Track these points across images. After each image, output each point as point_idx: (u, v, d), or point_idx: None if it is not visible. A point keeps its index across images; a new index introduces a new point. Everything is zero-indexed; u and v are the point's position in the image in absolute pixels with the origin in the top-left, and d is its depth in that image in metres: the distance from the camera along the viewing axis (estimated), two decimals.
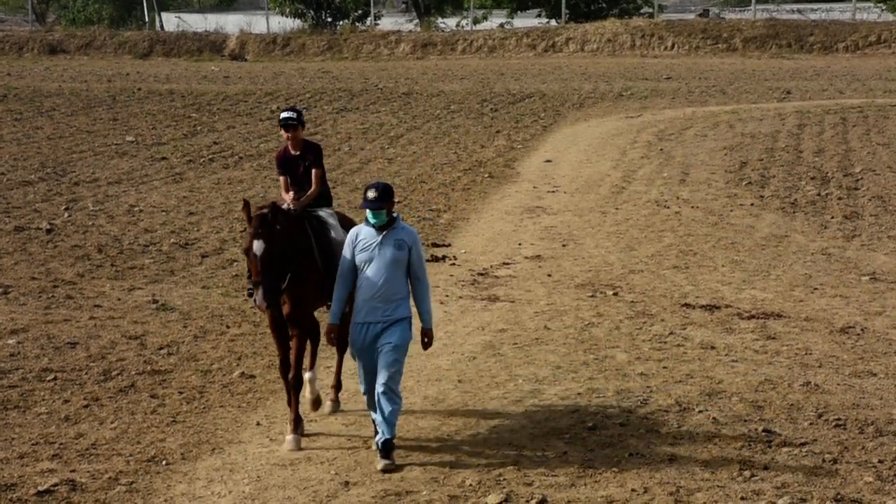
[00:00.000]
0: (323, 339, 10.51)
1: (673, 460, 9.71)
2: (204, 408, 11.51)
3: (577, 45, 52.54)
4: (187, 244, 18.57)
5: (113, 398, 11.75)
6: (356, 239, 9.70)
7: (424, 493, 9.20)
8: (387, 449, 9.65)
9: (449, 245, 18.87)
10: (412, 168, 25.66)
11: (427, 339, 9.81)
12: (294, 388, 10.39)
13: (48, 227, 19.33)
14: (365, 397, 9.91)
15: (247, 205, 10.10)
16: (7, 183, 23.19)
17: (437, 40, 54.53)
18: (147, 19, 61.64)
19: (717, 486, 9.18)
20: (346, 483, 9.41)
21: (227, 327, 14.21)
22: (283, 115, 11.25)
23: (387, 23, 60.26)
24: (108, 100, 36.01)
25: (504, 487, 9.21)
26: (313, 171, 11.09)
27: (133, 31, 59.22)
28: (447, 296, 15.66)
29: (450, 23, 59.46)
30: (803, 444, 10.03)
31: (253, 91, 38.24)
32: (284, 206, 10.57)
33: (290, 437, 10.30)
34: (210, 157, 26.65)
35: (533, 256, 17.82)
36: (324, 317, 10.98)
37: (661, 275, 16.56)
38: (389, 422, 9.55)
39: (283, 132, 11.28)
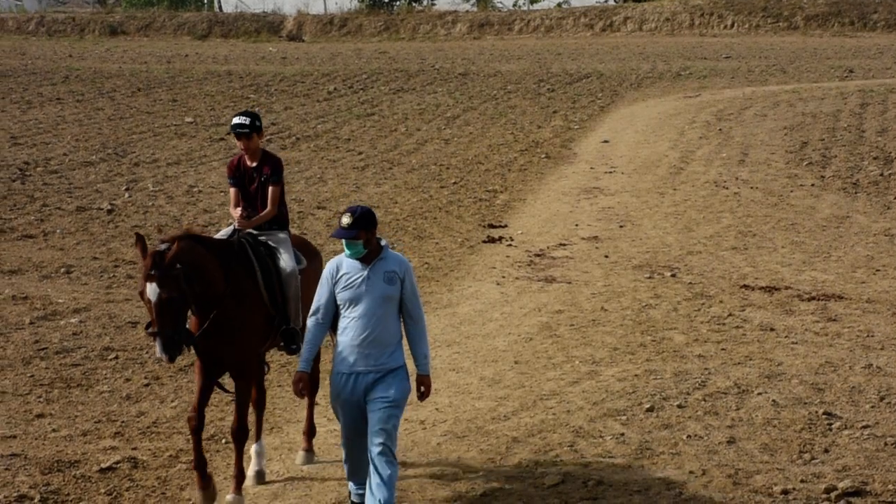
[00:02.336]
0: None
1: (731, 442, 9.65)
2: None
3: (635, 24, 52.22)
4: None
5: (173, 377, 11.87)
6: (336, 273, 8.06)
7: (481, 473, 9.21)
8: None
9: (505, 226, 18.84)
10: (469, 149, 25.64)
11: (424, 387, 8.15)
12: (238, 440, 8.92)
13: (109, 207, 19.53)
14: (345, 465, 8.29)
15: (140, 239, 8.40)
16: (69, 163, 23.44)
17: (494, 20, 54.40)
18: (206, 0, 61.96)
19: (777, 469, 9.12)
20: (403, 463, 9.44)
21: None
22: (235, 120, 9.52)
23: (443, 3, 60.27)
24: (167, 81, 36.27)
25: (561, 468, 9.21)
26: (270, 187, 9.48)
27: (192, 12, 59.63)
28: (503, 277, 15.65)
29: (507, 2, 59.38)
30: (865, 427, 9.93)
31: (310, 72, 38.35)
32: (228, 229, 9.38)
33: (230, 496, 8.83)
34: (268, 138, 26.78)
35: (590, 237, 17.76)
36: (276, 358, 10.13)
37: (719, 256, 16.45)
38: (388, 485, 7.94)
39: (235, 141, 9.64)
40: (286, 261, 9.24)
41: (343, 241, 7.95)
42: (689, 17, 51.41)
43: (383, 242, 8.12)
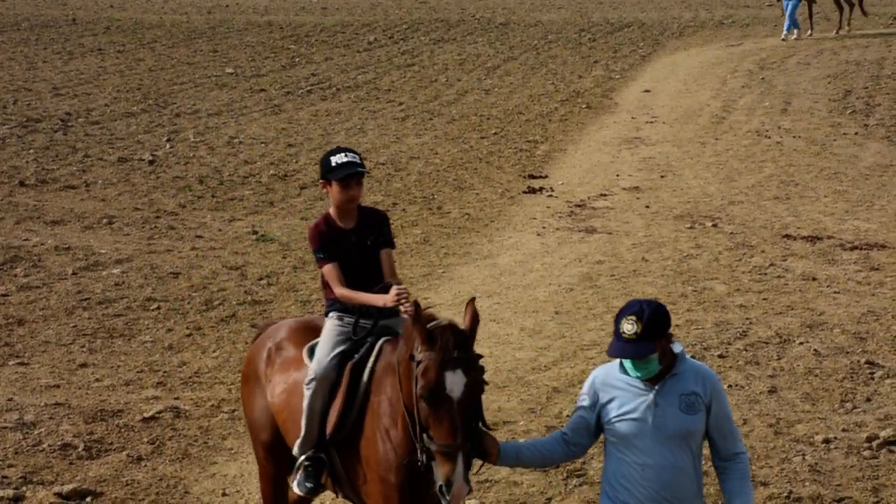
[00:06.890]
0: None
1: (773, 392, 9.62)
2: None
3: None
4: (286, 175, 18.71)
5: (215, 328, 11.95)
6: (601, 391, 5.64)
7: (522, 423, 9.24)
8: None
9: (546, 176, 18.78)
10: (509, 99, 25.52)
11: None
12: None
13: (150, 158, 19.61)
14: None
15: (417, 307, 5.77)
16: (110, 114, 23.53)
17: None
18: None
19: (818, 418, 9.10)
20: None
21: None
22: (341, 158, 6.63)
23: None
24: (207, 31, 36.28)
25: None
26: (383, 252, 6.71)
27: None
28: (544, 227, 15.62)
29: None
30: None
31: (350, 22, 38.24)
32: (405, 314, 6.11)
33: None
34: (308, 88, 26.76)
35: (631, 188, 17.67)
36: None
37: (761, 206, 16.34)
38: None
39: (332, 189, 6.65)
40: None
41: (628, 362, 5.51)
42: None
43: (678, 349, 5.56)
